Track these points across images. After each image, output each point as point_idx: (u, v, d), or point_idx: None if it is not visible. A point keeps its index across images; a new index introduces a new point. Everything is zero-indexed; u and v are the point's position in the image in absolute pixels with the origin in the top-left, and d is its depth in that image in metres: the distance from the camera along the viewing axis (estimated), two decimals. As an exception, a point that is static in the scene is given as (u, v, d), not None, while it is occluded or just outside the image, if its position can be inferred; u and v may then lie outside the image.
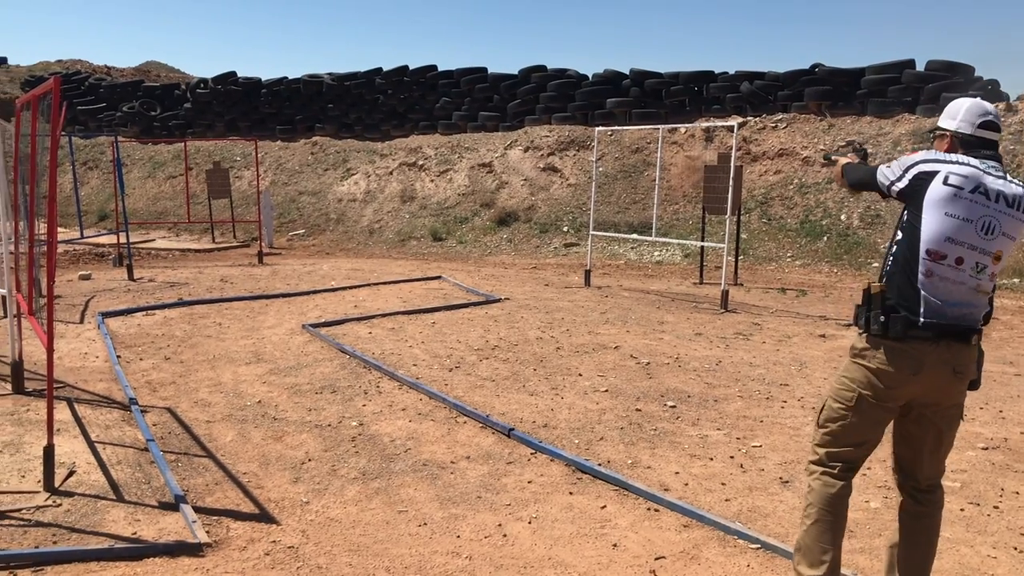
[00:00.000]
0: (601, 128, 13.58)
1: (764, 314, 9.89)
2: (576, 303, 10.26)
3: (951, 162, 2.96)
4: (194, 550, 3.73)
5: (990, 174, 2.94)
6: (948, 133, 3.10)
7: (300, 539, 3.90)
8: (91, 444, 5.12)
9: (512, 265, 14.85)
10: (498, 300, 10.29)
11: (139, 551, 3.70)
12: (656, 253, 15.31)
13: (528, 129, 19.60)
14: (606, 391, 6.42)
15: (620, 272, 13.95)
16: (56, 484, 4.40)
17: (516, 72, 21.67)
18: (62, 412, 5.63)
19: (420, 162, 19.64)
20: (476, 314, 9.43)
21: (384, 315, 9.21)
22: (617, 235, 14.83)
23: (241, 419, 5.72)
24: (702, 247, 12.76)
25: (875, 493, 4.56)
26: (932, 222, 2.93)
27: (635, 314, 9.58)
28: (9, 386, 6.21)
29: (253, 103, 24.48)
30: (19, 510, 4.12)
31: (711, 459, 5.06)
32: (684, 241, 14.04)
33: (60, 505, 4.20)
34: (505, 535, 4.01)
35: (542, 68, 21.46)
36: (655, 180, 12.90)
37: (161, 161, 22.73)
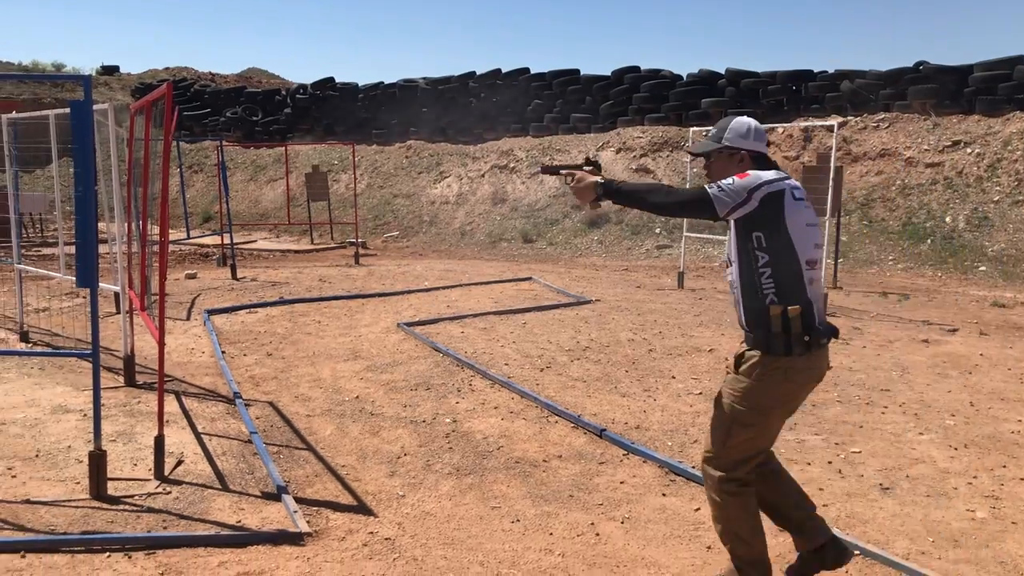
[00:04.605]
0: (696, 128, 13.39)
1: (864, 318, 9.62)
2: (669, 305, 10.17)
3: (783, 179, 3.20)
4: (295, 539, 3.85)
5: (795, 182, 3.25)
6: (743, 151, 3.33)
7: (396, 531, 3.99)
8: (198, 435, 5.33)
9: (603, 267, 14.81)
10: (589, 302, 10.28)
11: (243, 538, 3.85)
12: (751, 255, 15.05)
13: (620, 130, 19.51)
14: (700, 394, 6.35)
15: (714, 274, 13.76)
16: (166, 472, 4.59)
17: (609, 73, 21.60)
18: (171, 404, 5.87)
19: (511, 164, 19.76)
20: (567, 315, 9.44)
21: (476, 315, 9.30)
22: (712, 236, 14.62)
23: (339, 414, 5.87)
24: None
25: (981, 503, 4.41)
26: (800, 235, 3.16)
27: (730, 316, 9.44)
28: (121, 379, 6.51)
29: (350, 108, 25.03)
30: (132, 496, 4.32)
31: (808, 464, 4.96)
32: (780, 243, 13.75)
33: (170, 493, 4.39)
34: (598, 534, 4.02)
35: (635, 69, 21.33)
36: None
37: (262, 165, 23.45)
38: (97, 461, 4.24)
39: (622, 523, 4.16)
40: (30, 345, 7.70)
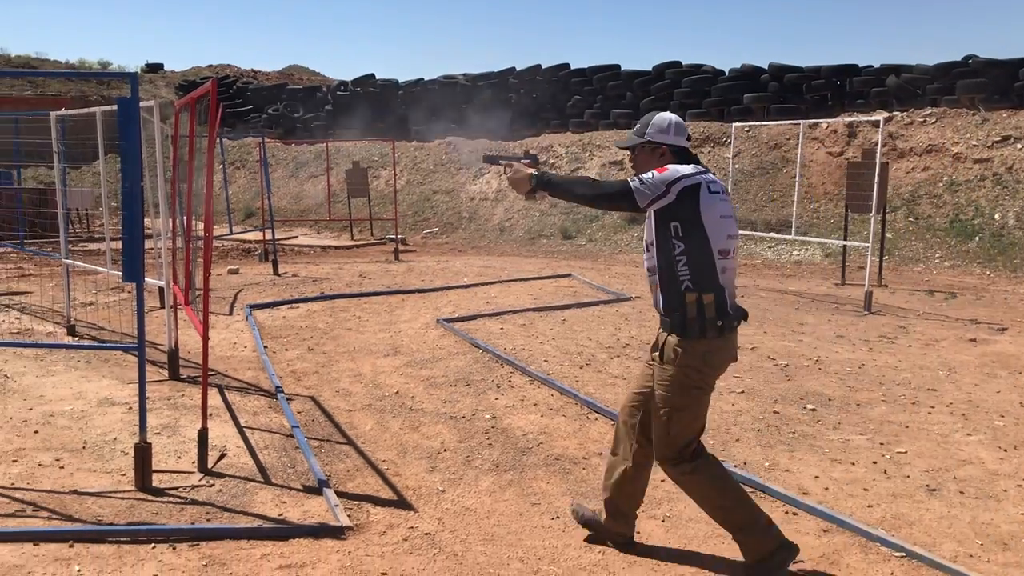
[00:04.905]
0: (738, 124, 13.27)
1: (910, 317, 9.46)
2: (710, 302, 10.06)
3: (700, 173, 3.39)
4: (336, 532, 3.87)
5: (711, 174, 3.45)
6: (664, 146, 3.52)
7: (436, 526, 3.99)
8: (240, 429, 5.38)
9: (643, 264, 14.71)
10: (629, 299, 10.23)
11: (285, 531, 3.88)
12: (795, 252, 14.87)
13: (662, 126, 19.35)
14: (742, 392, 6.28)
15: (757, 272, 13.62)
16: (209, 465, 4.65)
17: (650, 68, 21.48)
18: (214, 398, 5.93)
19: (551, 160, 19.71)
20: (606, 312, 9.40)
21: (515, 311, 9.29)
22: (754, 233, 14.48)
23: (380, 409, 5.89)
24: (844, 247, 12.29)
25: (1034, 506, 4.31)
26: (714, 226, 3.36)
27: (773, 315, 9.34)
28: (165, 372, 6.60)
29: (390, 104, 25.15)
30: (176, 488, 4.38)
31: (853, 464, 4.88)
32: (825, 240, 13.59)
33: (213, 485, 4.44)
34: (639, 532, 3.98)
35: (676, 64, 21.19)
36: (794, 177, 12.54)
37: (303, 161, 23.64)
38: (142, 453, 4.30)
39: (663, 522, 4.13)
40: (77, 339, 7.83)
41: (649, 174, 3.38)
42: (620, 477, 3.73)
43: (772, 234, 13.84)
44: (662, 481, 4.58)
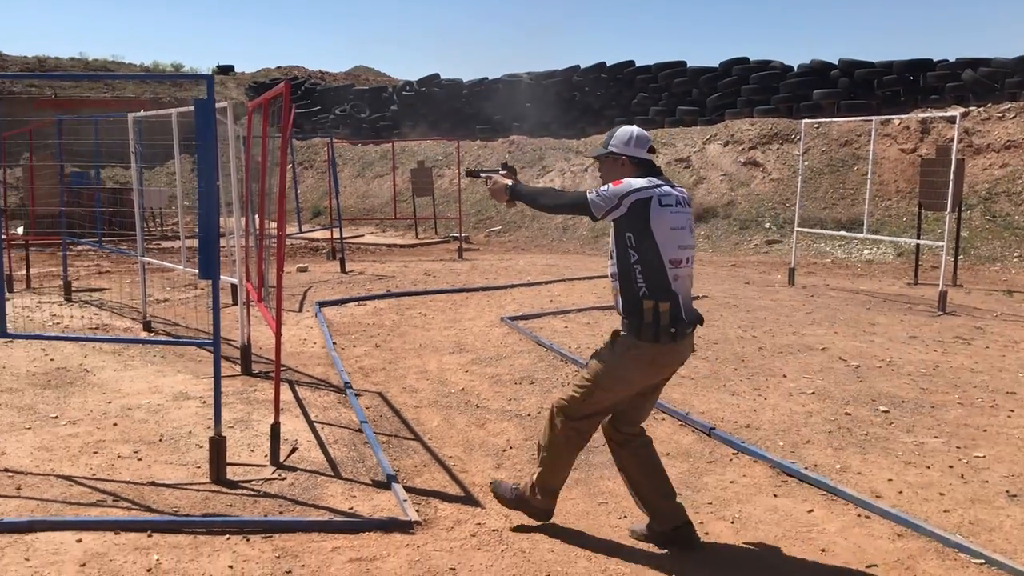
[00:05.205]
0: (808, 120, 13.02)
1: (987, 317, 9.18)
2: (779, 302, 9.93)
3: (654, 187, 3.58)
4: (405, 527, 3.91)
5: (670, 186, 3.64)
6: (623, 157, 3.72)
7: (504, 523, 4.01)
8: (311, 423, 5.48)
9: (710, 262, 14.56)
10: (696, 298, 10.09)
11: (356, 525, 3.93)
12: (866, 251, 14.55)
13: (728, 123, 19.13)
14: (812, 393, 6.17)
15: (826, 271, 13.37)
16: (281, 459, 4.73)
17: (716, 65, 21.30)
18: (285, 393, 6.04)
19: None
20: (673, 311, 9.30)
21: (579, 310, 9.27)
22: (824, 232, 14.22)
23: (446, 405, 5.94)
24: (917, 245, 11.99)
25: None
26: (665, 238, 3.54)
27: (843, 315, 9.15)
28: (238, 367, 6.75)
29: (455, 104, 25.31)
30: (249, 481, 4.47)
31: (927, 467, 4.76)
32: (897, 239, 13.27)
33: (285, 479, 4.52)
34: (707, 533, 3.95)
35: (744, 60, 20.93)
36: (865, 175, 12.27)
37: (369, 161, 23.93)
38: (217, 446, 4.40)
39: (732, 523, 4.08)
40: (152, 334, 8.05)
41: (605, 187, 3.62)
42: (634, 478, 3.88)
43: (842, 232, 13.57)
44: (731, 483, 4.55)
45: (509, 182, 3.99)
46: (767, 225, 16.15)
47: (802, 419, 5.61)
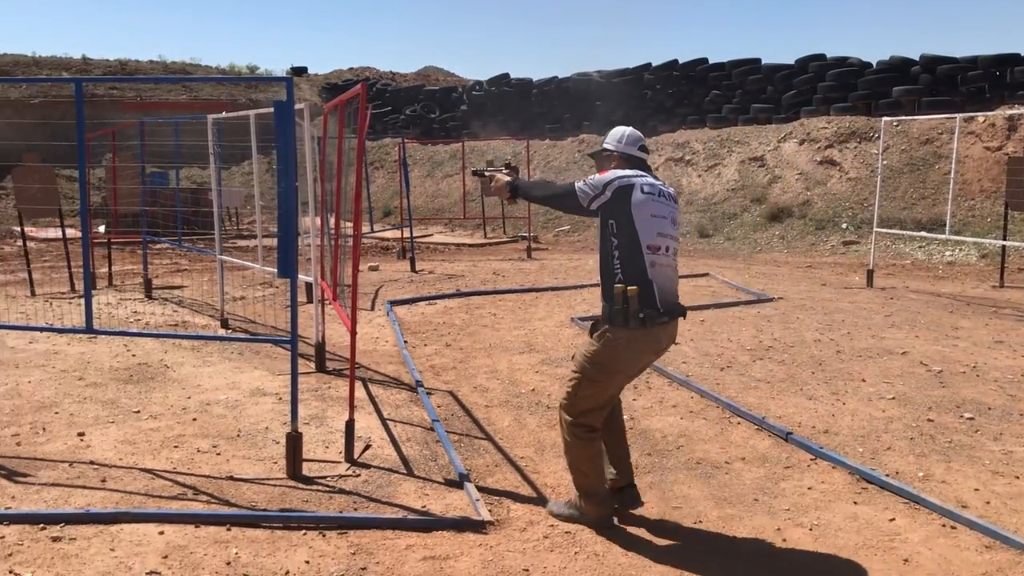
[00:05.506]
0: (887, 118, 12.66)
1: (1079, 322, 8.81)
2: (857, 304, 9.68)
3: (637, 176, 3.80)
4: (478, 527, 3.91)
5: (657, 181, 3.87)
6: (615, 153, 3.98)
7: (576, 525, 3.97)
8: (383, 421, 5.52)
9: (784, 263, 14.29)
10: (771, 299, 9.93)
11: (429, 523, 3.94)
12: (948, 253, 14.10)
13: (804, 121, 18.72)
14: (893, 399, 5.99)
15: (906, 272, 12.99)
16: (355, 456, 4.77)
17: (792, 62, 20.85)
18: (358, 391, 6.09)
19: (687, 157, 19.39)
20: (747, 313, 9.16)
21: (652, 311, 9.16)
22: (904, 232, 13.81)
23: (516, 405, 5.93)
24: (1003, 247, 11.56)
25: None
26: (644, 223, 3.72)
27: (924, 318, 8.87)
28: (312, 365, 6.84)
29: (524, 103, 25.31)
30: (325, 477, 4.52)
31: (1017, 477, 4.58)
32: (981, 240, 12.82)
33: (359, 476, 4.56)
34: (784, 540, 3.86)
35: (821, 57, 20.50)
36: (947, 174, 11.90)
37: (439, 161, 24.09)
38: (294, 443, 4.46)
39: (810, 530, 3.98)
40: (229, 331, 8.22)
41: (592, 177, 3.86)
42: (608, 443, 4.07)
43: (923, 233, 13.17)
44: (809, 489, 4.44)
45: (509, 179, 4.17)
46: (844, 225, 15.77)
47: (882, 425, 5.45)
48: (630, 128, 4.05)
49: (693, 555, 3.71)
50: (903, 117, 15.85)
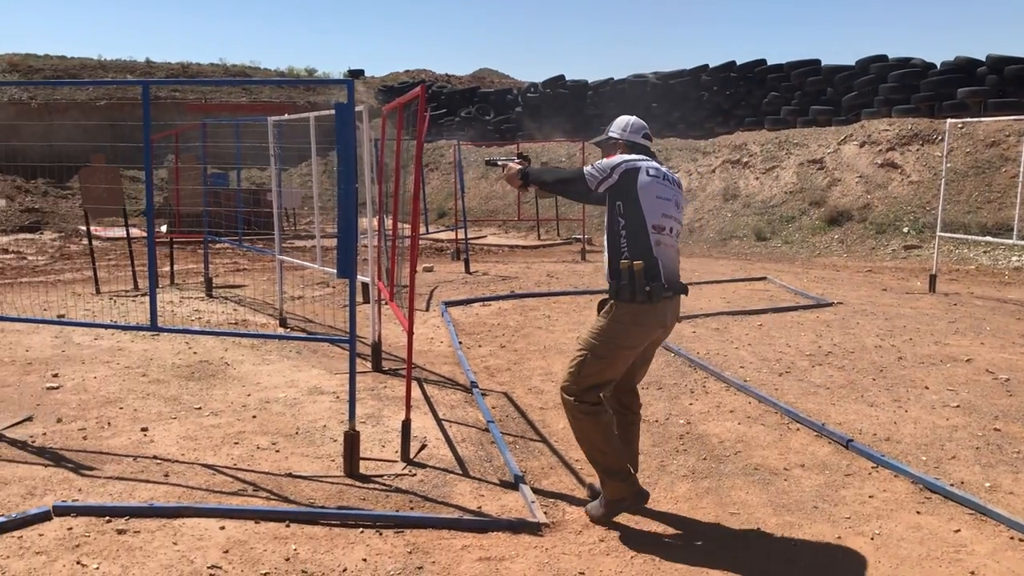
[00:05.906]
0: (952, 120, 12.37)
1: None
2: (919, 310, 9.47)
3: (642, 160, 3.95)
4: (533, 528, 3.91)
5: (662, 166, 4.02)
6: (620, 141, 4.15)
7: (631, 529, 3.95)
8: (439, 421, 5.55)
9: (844, 267, 14.04)
10: (830, 304, 9.77)
11: (485, 524, 3.95)
12: (1015, 258, 13.72)
13: (865, 123, 18.38)
14: (957, 407, 5.85)
15: (970, 278, 12.68)
16: (411, 455, 4.81)
17: (852, 63, 20.53)
18: (414, 391, 6.13)
19: (744, 159, 19.17)
20: (806, 318, 9.02)
21: (708, 315, 9.09)
22: (968, 237, 13.47)
23: (572, 408, 5.90)
24: (1073, 252, 11.22)
25: None
26: (650, 204, 3.86)
27: (990, 325, 8.65)
28: (369, 364, 6.90)
29: (579, 105, 25.26)
30: (381, 476, 4.56)
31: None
32: (1050, 245, 12.44)
33: (415, 475, 4.59)
34: (845, 549, 3.79)
35: (882, 58, 20.12)
36: (1014, 177, 11.57)
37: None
38: (351, 441, 4.51)
39: (871, 539, 3.90)
40: (287, 330, 8.34)
41: (599, 162, 3.99)
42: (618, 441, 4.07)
43: (988, 238, 12.84)
44: (870, 497, 4.36)
45: (520, 167, 4.28)
46: (906, 230, 15.44)
47: (946, 433, 5.32)
48: (634, 117, 4.23)
49: (751, 562, 3.67)
50: (969, 119, 15.47)
